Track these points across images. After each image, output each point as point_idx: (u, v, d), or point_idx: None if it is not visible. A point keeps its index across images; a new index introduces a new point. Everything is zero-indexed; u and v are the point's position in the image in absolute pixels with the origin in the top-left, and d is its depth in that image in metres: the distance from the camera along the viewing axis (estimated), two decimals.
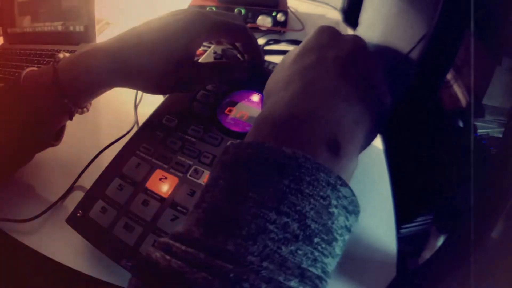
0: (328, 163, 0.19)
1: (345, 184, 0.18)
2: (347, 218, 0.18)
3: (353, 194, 0.18)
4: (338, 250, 0.17)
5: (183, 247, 0.16)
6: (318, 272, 0.16)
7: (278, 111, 0.21)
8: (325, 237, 0.16)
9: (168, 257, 0.16)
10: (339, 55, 0.23)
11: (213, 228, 0.16)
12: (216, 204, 0.17)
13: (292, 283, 0.15)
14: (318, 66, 0.23)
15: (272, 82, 0.25)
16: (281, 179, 0.17)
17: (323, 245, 0.16)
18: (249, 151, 0.18)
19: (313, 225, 0.16)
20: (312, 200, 0.16)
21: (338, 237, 0.17)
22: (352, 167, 0.21)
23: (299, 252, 0.16)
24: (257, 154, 0.18)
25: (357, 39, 0.25)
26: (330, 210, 0.17)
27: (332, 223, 0.17)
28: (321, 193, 0.17)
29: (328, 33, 0.25)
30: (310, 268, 0.16)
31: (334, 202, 0.17)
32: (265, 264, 0.15)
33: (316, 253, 0.16)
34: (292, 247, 0.16)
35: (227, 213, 0.17)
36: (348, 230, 0.18)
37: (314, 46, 0.24)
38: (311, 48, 0.24)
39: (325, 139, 0.19)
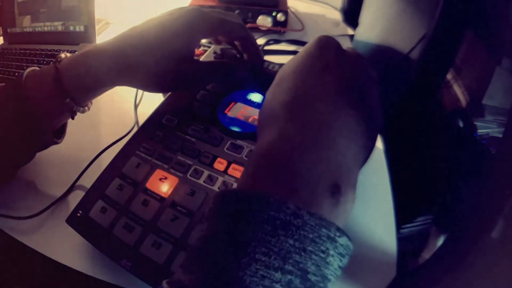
0: (329, 211, 0.19)
1: (342, 234, 0.18)
2: (341, 260, 0.18)
3: (349, 239, 0.19)
4: (331, 280, 0.19)
5: None
6: None
7: (278, 150, 0.20)
8: (321, 285, 0.18)
9: None
10: (340, 81, 0.22)
11: None
12: (221, 263, 0.17)
13: None
14: (319, 94, 0.22)
15: (269, 106, 0.24)
16: (286, 238, 0.17)
17: None
18: (251, 204, 0.18)
19: (313, 278, 0.17)
20: (313, 256, 0.17)
21: (332, 278, 0.18)
22: (350, 208, 0.21)
23: None
24: (261, 210, 0.18)
25: (359, 59, 0.24)
26: (328, 260, 0.18)
27: (328, 269, 0.18)
28: (322, 248, 0.17)
29: (329, 49, 0.24)
30: None
31: (331, 252, 0.18)
32: None
33: None
34: None
35: (234, 275, 0.17)
36: (341, 268, 0.19)
37: (315, 65, 0.23)
38: (312, 67, 0.23)
39: (327, 186, 0.19)
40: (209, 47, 0.46)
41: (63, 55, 0.34)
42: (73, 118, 0.36)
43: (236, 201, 0.19)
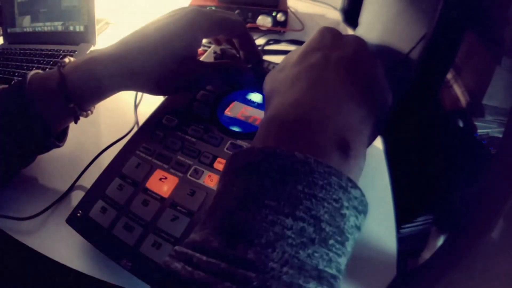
0: (339, 164, 0.19)
1: (355, 186, 0.18)
2: (357, 217, 0.18)
3: (363, 195, 0.19)
4: (349, 248, 0.18)
5: (204, 258, 0.16)
6: (333, 271, 0.17)
7: (286, 111, 0.21)
8: (339, 238, 0.17)
9: (189, 268, 0.16)
10: (342, 56, 0.23)
11: (232, 238, 0.17)
12: (232, 212, 0.17)
13: (311, 285, 0.16)
14: (323, 66, 0.23)
15: (275, 81, 0.25)
16: (295, 184, 0.17)
17: (337, 246, 0.17)
18: (261, 157, 0.18)
19: (327, 228, 0.17)
20: (325, 203, 0.17)
21: (349, 236, 0.18)
22: (361, 166, 0.21)
23: (316, 254, 0.16)
24: (270, 161, 0.18)
25: (358, 40, 0.25)
26: (342, 212, 0.17)
27: (344, 224, 0.17)
28: (334, 196, 0.17)
29: (330, 34, 0.25)
30: (326, 269, 0.16)
31: (345, 204, 0.17)
32: (285, 269, 0.15)
33: (331, 254, 0.17)
34: (309, 251, 0.16)
35: (244, 222, 0.17)
36: (358, 228, 0.18)
37: (318, 47, 0.24)
38: (315, 48, 0.24)
39: (334, 140, 0.19)
40: (209, 47, 0.46)
41: (67, 60, 0.35)
42: (76, 122, 0.36)
43: (245, 157, 0.19)
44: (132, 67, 0.32)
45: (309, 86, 0.22)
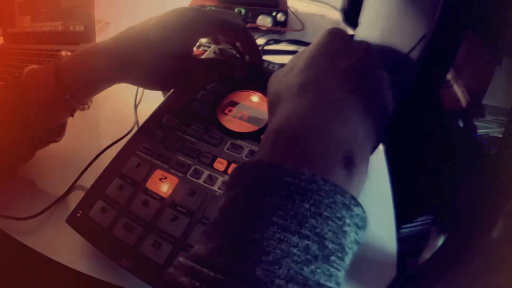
0: (343, 181, 0.19)
1: (357, 203, 0.18)
2: (357, 233, 0.19)
3: (364, 211, 0.19)
4: (348, 262, 0.18)
5: (212, 274, 0.16)
6: (332, 285, 0.17)
7: (292, 124, 0.21)
8: (340, 254, 0.18)
9: (197, 284, 0.16)
10: (351, 65, 0.23)
11: (239, 254, 0.17)
12: (238, 228, 0.18)
13: None
14: (331, 75, 0.23)
15: (281, 85, 0.25)
16: (302, 203, 0.17)
17: (338, 262, 0.17)
18: (268, 173, 0.18)
19: (330, 245, 0.17)
20: (329, 221, 0.17)
21: (349, 251, 0.18)
22: (363, 181, 0.21)
23: (318, 270, 0.17)
24: (277, 177, 0.18)
25: (367, 47, 0.25)
26: (344, 229, 0.18)
27: (345, 240, 0.18)
28: (338, 214, 0.18)
29: (339, 38, 0.25)
30: (327, 283, 0.17)
31: (348, 221, 0.18)
32: (290, 286, 0.16)
33: (332, 269, 0.17)
34: (313, 267, 0.17)
35: (252, 239, 0.17)
36: (357, 243, 0.19)
37: (326, 52, 0.24)
38: (323, 54, 0.24)
39: (340, 157, 0.20)
40: (209, 47, 0.46)
41: (63, 53, 0.35)
42: (72, 116, 0.36)
43: (252, 171, 0.19)
44: (127, 61, 0.33)
45: (316, 98, 0.22)
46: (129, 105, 0.50)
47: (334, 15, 0.75)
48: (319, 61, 0.24)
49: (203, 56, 0.42)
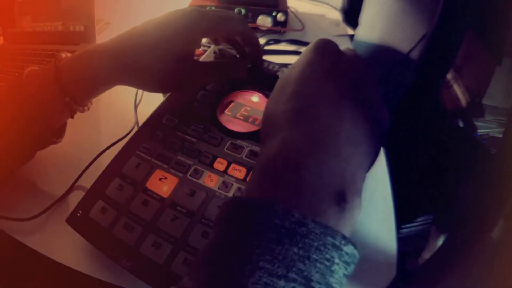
0: (335, 218, 0.19)
1: (347, 242, 0.18)
2: (346, 269, 0.18)
3: (354, 248, 0.19)
4: None
5: None
6: None
7: (283, 159, 0.20)
8: None
9: None
10: (341, 87, 0.22)
11: None
12: (226, 270, 0.17)
13: None
14: (322, 102, 0.22)
15: (272, 113, 0.24)
16: (291, 246, 0.17)
17: None
18: (257, 213, 0.18)
19: (317, 286, 0.17)
20: (318, 264, 0.17)
21: (337, 286, 0.18)
22: (357, 215, 0.21)
23: None
24: (267, 218, 0.18)
25: (357, 60, 0.24)
26: (333, 268, 0.18)
27: (333, 278, 0.18)
28: (327, 256, 0.17)
29: (328, 54, 0.24)
30: None
31: (336, 260, 0.18)
32: None
33: None
34: None
35: (238, 282, 0.17)
36: (346, 276, 0.19)
37: (315, 71, 0.23)
38: (312, 74, 0.23)
39: (332, 194, 0.19)
40: (209, 47, 0.46)
41: (63, 55, 0.35)
42: (72, 117, 0.36)
43: (242, 210, 0.19)
44: (127, 63, 0.32)
45: (307, 130, 0.21)
46: (129, 105, 0.50)
47: (334, 15, 0.75)
48: (308, 85, 0.23)
49: (203, 56, 0.42)
